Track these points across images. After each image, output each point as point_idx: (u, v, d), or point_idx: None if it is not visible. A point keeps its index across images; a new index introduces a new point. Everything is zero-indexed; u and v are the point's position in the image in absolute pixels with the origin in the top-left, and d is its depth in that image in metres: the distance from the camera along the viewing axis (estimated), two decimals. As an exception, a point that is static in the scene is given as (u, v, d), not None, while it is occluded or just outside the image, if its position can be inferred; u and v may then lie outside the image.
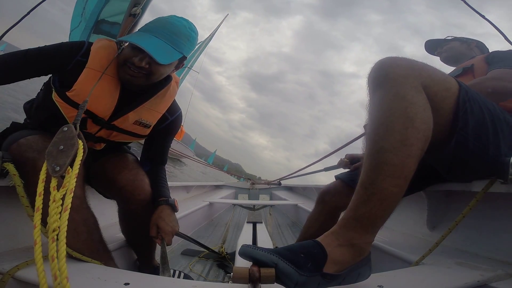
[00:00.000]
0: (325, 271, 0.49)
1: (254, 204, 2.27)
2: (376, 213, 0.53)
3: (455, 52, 1.29)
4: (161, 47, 0.82)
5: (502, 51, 1.06)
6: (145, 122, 0.96)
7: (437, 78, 0.63)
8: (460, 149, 0.67)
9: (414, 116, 0.54)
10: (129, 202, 0.94)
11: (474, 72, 1.06)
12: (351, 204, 0.55)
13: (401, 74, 0.58)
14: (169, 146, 1.11)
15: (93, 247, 0.76)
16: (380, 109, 0.57)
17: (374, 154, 0.55)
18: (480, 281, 0.63)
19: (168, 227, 0.90)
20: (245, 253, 0.51)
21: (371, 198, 0.53)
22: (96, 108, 0.87)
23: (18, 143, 0.76)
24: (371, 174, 0.54)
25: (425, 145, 0.55)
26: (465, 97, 0.66)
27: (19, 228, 0.80)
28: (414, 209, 1.25)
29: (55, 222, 0.46)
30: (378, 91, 0.59)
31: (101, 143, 0.99)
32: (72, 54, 0.86)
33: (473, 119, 0.66)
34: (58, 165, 0.53)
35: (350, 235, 0.53)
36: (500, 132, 0.69)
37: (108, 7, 1.26)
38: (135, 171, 0.96)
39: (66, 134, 0.58)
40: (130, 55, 0.84)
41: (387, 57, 0.64)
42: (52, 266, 0.43)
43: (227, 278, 1.24)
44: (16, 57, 0.84)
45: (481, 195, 0.73)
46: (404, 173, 0.52)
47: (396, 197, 0.53)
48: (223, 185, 4.37)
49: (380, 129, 0.55)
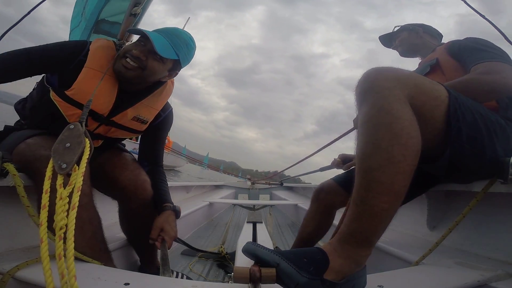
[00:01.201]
0: (325, 277, 0.50)
1: (254, 204, 2.27)
2: (369, 229, 0.53)
3: (407, 43, 1.24)
4: (162, 42, 0.87)
5: (463, 41, 0.99)
6: (142, 118, 1.00)
7: (424, 88, 0.62)
8: (457, 157, 0.66)
9: (400, 131, 0.53)
10: (131, 202, 0.94)
11: (442, 67, 1.01)
12: (346, 220, 0.56)
13: (386, 86, 0.57)
14: (164, 143, 1.15)
15: (96, 246, 0.76)
16: (366, 126, 0.56)
17: (362, 172, 0.54)
18: (480, 281, 0.63)
19: (172, 232, 0.92)
20: (248, 250, 0.52)
21: (362, 214, 0.53)
22: (96, 105, 0.88)
23: (25, 143, 0.77)
24: (361, 192, 0.53)
25: (415, 159, 0.54)
26: (456, 104, 0.65)
27: (19, 228, 0.80)
28: (414, 209, 1.25)
29: (62, 220, 0.46)
30: (364, 105, 0.58)
31: (99, 140, 1.00)
32: (75, 53, 0.87)
33: (466, 125, 0.65)
34: (65, 163, 0.53)
35: (346, 248, 0.53)
36: (494, 135, 0.69)
37: (108, 6, 1.26)
38: (137, 171, 0.98)
39: (73, 132, 0.58)
40: (131, 48, 0.89)
41: (372, 68, 0.62)
42: (59, 265, 0.43)
43: (227, 278, 1.24)
44: (18, 56, 0.85)
45: (481, 195, 0.73)
46: (394, 190, 0.52)
47: (387, 212, 0.53)
48: (223, 185, 4.37)
49: (367, 148, 0.55)
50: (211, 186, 3.98)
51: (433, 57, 1.06)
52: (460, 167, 0.70)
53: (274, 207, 2.79)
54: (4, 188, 0.69)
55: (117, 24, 1.27)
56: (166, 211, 0.96)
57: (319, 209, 1.15)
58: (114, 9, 1.24)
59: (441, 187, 0.97)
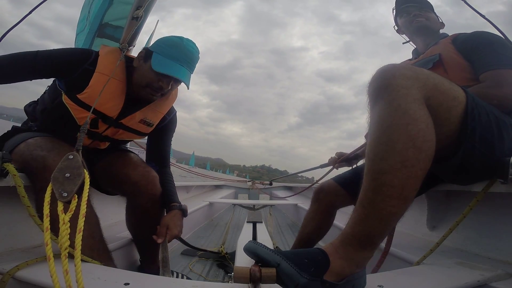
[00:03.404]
0: (325, 278, 0.50)
1: (254, 204, 2.27)
2: (374, 232, 0.52)
3: (431, 25, 1.13)
4: (186, 74, 0.95)
5: (474, 38, 0.95)
6: (149, 121, 1.05)
7: (443, 88, 0.60)
8: (467, 157, 0.65)
9: (416, 134, 0.51)
10: (141, 196, 0.98)
11: (445, 65, 0.97)
12: (350, 221, 0.54)
13: (404, 85, 0.54)
14: (170, 145, 1.19)
15: (93, 245, 0.76)
16: (381, 126, 0.53)
17: (373, 174, 0.52)
18: (480, 281, 0.63)
19: (176, 231, 0.96)
20: (250, 249, 0.52)
21: (369, 217, 0.52)
22: (106, 108, 0.94)
23: (26, 143, 0.80)
24: (369, 194, 0.52)
25: (428, 164, 0.52)
26: (473, 103, 0.64)
27: (19, 228, 0.80)
28: (414, 209, 1.25)
29: (66, 242, 0.50)
30: (379, 103, 0.55)
31: (106, 142, 1.06)
32: (80, 63, 0.90)
33: (481, 125, 0.64)
34: (65, 192, 0.56)
35: (348, 250, 0.53)
36: (506, 136, 0.68)
37: (111, 10, 1.26)
38: (148, 168, 1.03)
39: (72, 163, 0.61)
40: (155, 79, 0.93)
41: (389, 64, 0.59)
42: (66, 279, 0.46)
43: (227, 278, 1.24)
44: (26, 57, 0.87)
45: (481, 195, 0.73)
46: (404, 194, 0.51)
47: (394, 216, 0.52)
48: (223, 185, 4.38)
49: (379, 149, 0.52)
50: (211, 186, 3.99)
51: (435, 52, 1.02)
52: (468, 168, 0.69)
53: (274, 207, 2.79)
54: (4, 188, 0.69)
55: (120, 28, 1.28)
56: (173, 210, 1.00)
57: (319, 209, 1.15)
58: (117, 13, 1.25)
59: (441, 187, 0.96)
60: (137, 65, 0.96)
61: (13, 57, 0.86)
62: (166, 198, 1.03)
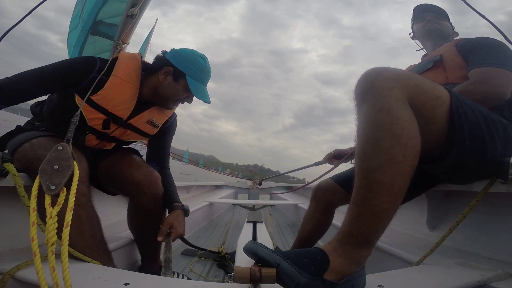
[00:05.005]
0: (325, 277, 0.50)
1: (254, 204, 2.27)
2: (369, 229, 0.53)
3: (443, 30, 1.17)
4: (205, 92, 1.06)
5: (474, 40, 0.97)
6: (155, 122, 1.10)
7: (424, 88, 0.62)
8: (460, 155, 0.66)
9: (400, 132, 0.53)
10: (144, 196, 0.99)
11: (445, 64, 1.00)
12: (345, 220, 0.56)
13: (386, 86, 0.57)
14: (169, 147, 1.23)
15: (94, 246, 0.76)
16: (367, 126, 0.56)
17: (363, 172, 0.54)
18: (480, 281, 0.63)
19: (180, 230, 0.98)
20: (250, 249, 0.52)
21: (362, 215, 0.53)
22: (118, 110, 0.99)
23: (30, 143, 0.81)
24: (361, 192, 0.54)
25: (415, 160, 0.54)
26: (457, 102, 0.65)
27: (19, 228, 0.80)
28: (414, 209, 1.25)
29: (53, 237, 0.47)
30: (364, 105, 0.58)
31: (112, 143, 1.09)
32: (87, 73, 0.93)
33: (468, 123, 0.65)
34: (53, 184, 0.55)
35: (347, 248, 0.54)
36: (495, 133, 0.69)
37: (106, 7, 1.25)
38: (151, 169, 1.06)
39: (61, 154, 0.59)
40: (182, 94, 1.03)
41: (372, 68, 0.62)
42: (52, 277, 0.44)
43: (227, 278, 1.24)
44: (32, 76, 0.89)
45: (481, 195, 0.73)
46: (394, 190, 0.52)
47: (387, 213, 0.53)
48: (223, 185, 4.38)
49: (367, 148, 0.55)
50: (211, 186, 3.99)
51: (439, 53, 1.05)
52: (463, 166, 0.70)
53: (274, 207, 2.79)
54: (4, 188, 0.69)
55: (114, 26, 1.27)
56: (176, 210, 1.02)
57: (318, 208, 1.16)
58: (112, 11, 1.24)
59: (441, 187, 0.97)
60: (162, 81, 1.01)
61: (20, 76, 0.88)
62: (168, 198, 1.05)
